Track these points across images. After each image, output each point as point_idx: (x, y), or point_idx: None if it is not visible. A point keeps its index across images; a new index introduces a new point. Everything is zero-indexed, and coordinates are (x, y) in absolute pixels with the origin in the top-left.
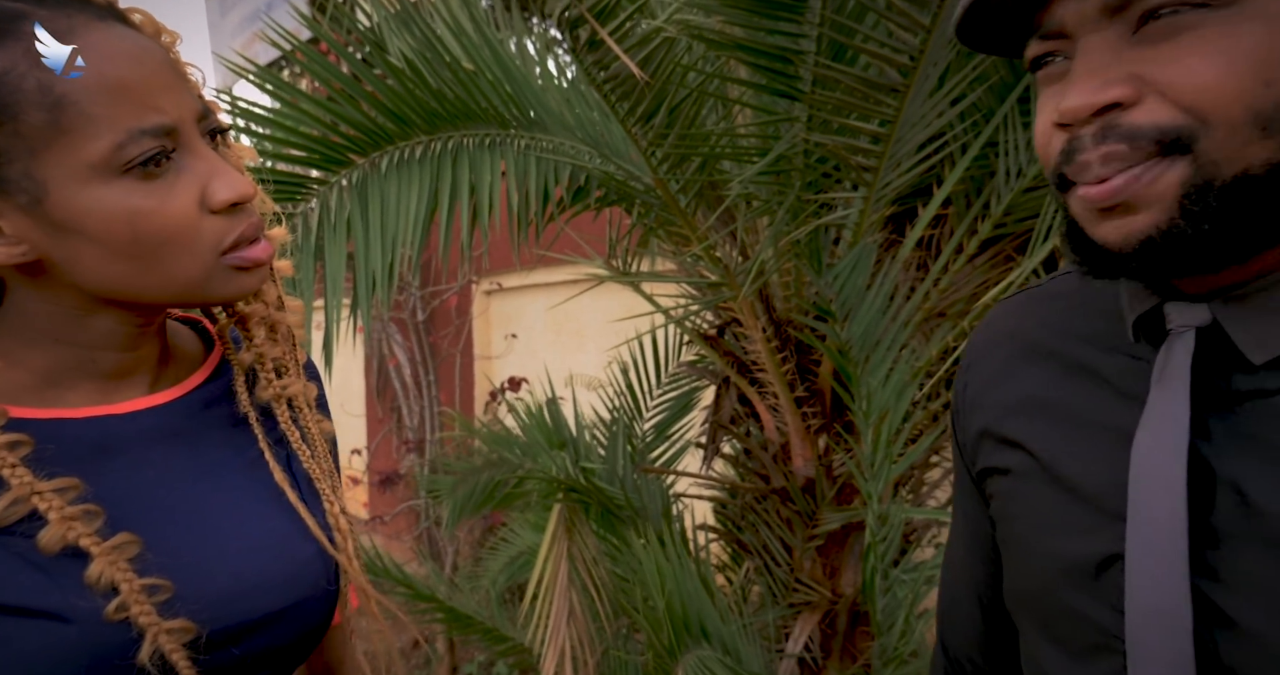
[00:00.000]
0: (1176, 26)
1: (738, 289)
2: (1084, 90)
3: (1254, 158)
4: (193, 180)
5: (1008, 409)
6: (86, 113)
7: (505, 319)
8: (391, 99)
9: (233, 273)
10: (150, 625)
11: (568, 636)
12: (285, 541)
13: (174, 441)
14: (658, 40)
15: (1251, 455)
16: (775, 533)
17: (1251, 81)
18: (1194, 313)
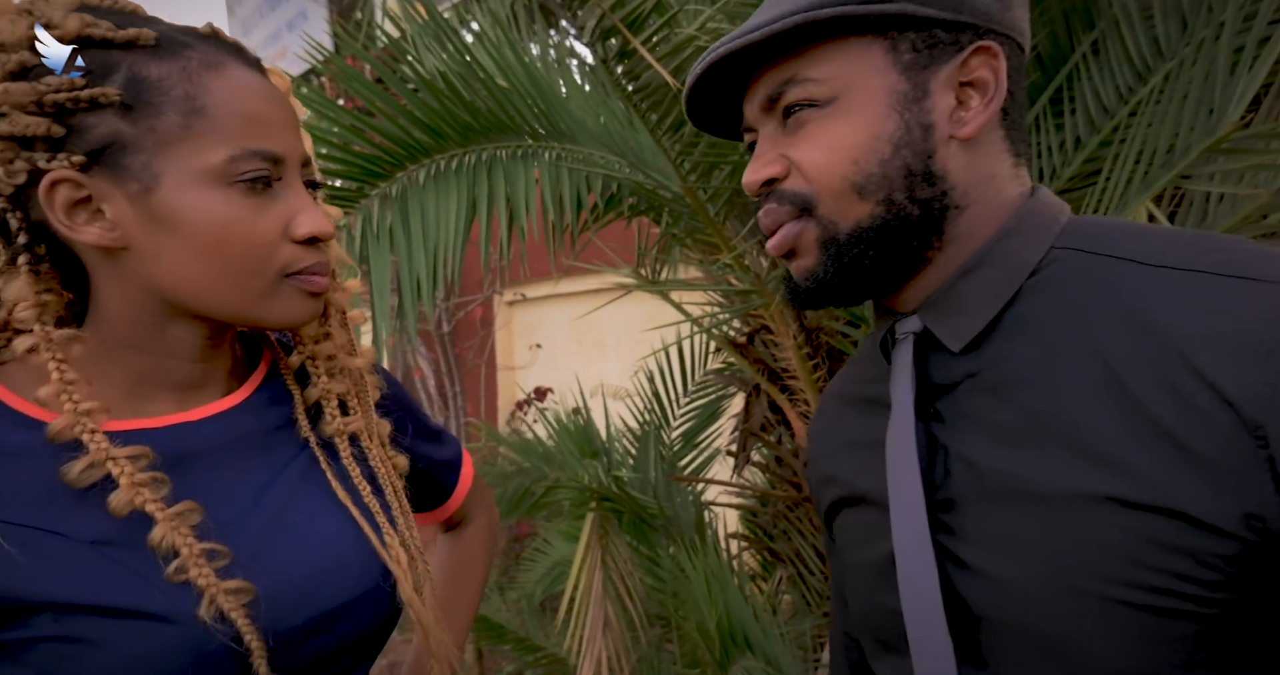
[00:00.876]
0: (802, 121)
1: (769, 296)
2: (751, 169)
3: (860, 215)
4: (284, 209)
5: (830, 454)
6: (216, 126)
7: (527, 329)
8: (426, 113)
9: (293, 294)
10: (208, 586)
11: (604, 646)
12: (347, 540)
13: (245, 443)
14: (690, 49)
15: (970, 427)
16: (808, 541)
17: (843, 160)
18: (909, 323)
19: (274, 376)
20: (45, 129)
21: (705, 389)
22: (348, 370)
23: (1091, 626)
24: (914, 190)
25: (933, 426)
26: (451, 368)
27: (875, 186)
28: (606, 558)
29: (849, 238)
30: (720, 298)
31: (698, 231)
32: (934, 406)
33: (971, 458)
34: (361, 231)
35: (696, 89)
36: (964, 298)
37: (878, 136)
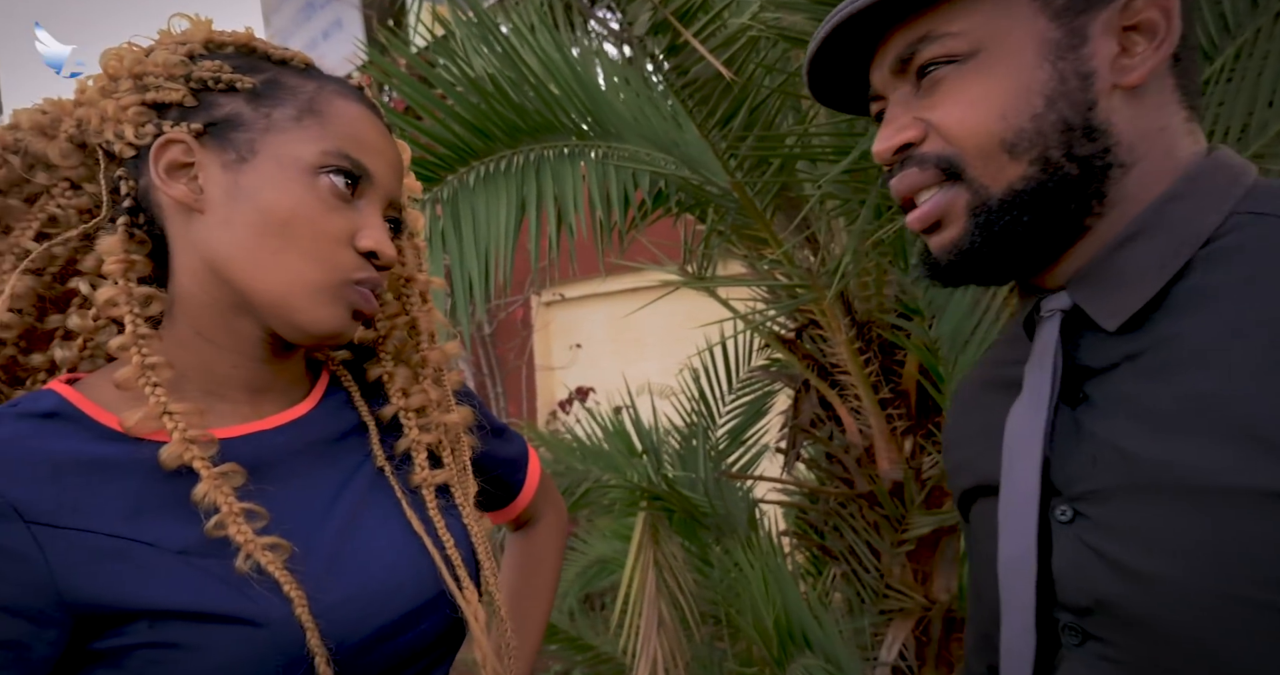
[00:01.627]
0: (938, 79)
1: (820, 290)
2: (882, 137)
3: (1012, 176)
4: (357, 219)
5: (964, 440)
6: (323, 126)
7: (565, 330)
8: (475, 115)
9: (337, 302)
10: (247, 542)
11: (658, 645)
12: (413, 551)
13: (315, 451)
14: (741, 40)
15: (1124, 412)
16: (861, 537)
17: (990, 117)
18: (1057, 299)
19: (336, 387)
20: (180, 97)
21: (750, 386)
22: (441, 425)
23: (1246, 635)
24: (1072, 146)
25: (1079, 411)
26: (493, 369)
27: (1028, 143)
28: (659, 557)
29: (1001, 202)
30: (766, 293)
31: (745, 227)
32: (1083, 390)
33: (1124, 445)
34: None
35: (818, 57)
36: (1123, 270)
37: (1028, 88)
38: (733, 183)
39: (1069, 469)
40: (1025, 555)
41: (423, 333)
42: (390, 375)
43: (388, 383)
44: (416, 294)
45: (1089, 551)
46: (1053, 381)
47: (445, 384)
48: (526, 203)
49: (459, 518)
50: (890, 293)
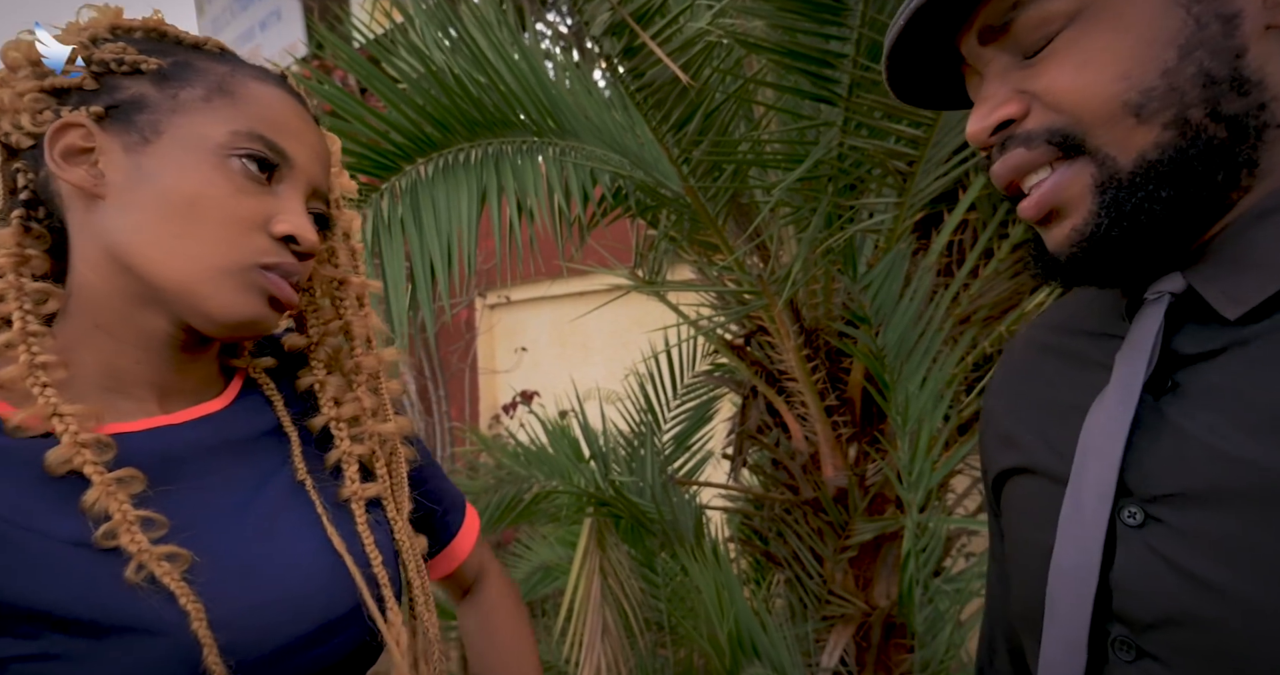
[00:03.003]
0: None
1: (770, 297)
2: (977, 116)
3: (1143, 143)
4: (273, 203)
5: (1016, 411)
6: (235, 106)
7: (509, 333)
8: (435, 107)
9: (247, 288)
10: (140, 552)
11: (603, 653)
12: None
13: (228, 450)
14: (700, 45)
15: (1222, 407)
16: (805, 544)
17: (1107, 77)
18: (1169, 281)
19: (253, 390)
20: (80, 81)
21: (695, 391)
22: (375, 435)
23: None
24: (1219, 103)
25: (1166, 402)
26: (436, 372)
27: (1159, 103)
28: (605, 564)
29: (1133, 176)
30: (714, 299)
31: (696, 232)
32: (1174, 378)
33: (1217, 444)
34: (373, 225)
35: (899, 44)
36: (1257, 249)
37: (1154, 40)
38: (686, 187)
39: (1146, 467)
40: (1087, 564)
41: (357, 338)
42: (322, 384)
43: (319, 391)
44: (351, 297)
45: (1160, 561)
46: (1146, 371)
47: (382, 392)
48: (488, 195)
49: (390, 534)
50: (838, 300)
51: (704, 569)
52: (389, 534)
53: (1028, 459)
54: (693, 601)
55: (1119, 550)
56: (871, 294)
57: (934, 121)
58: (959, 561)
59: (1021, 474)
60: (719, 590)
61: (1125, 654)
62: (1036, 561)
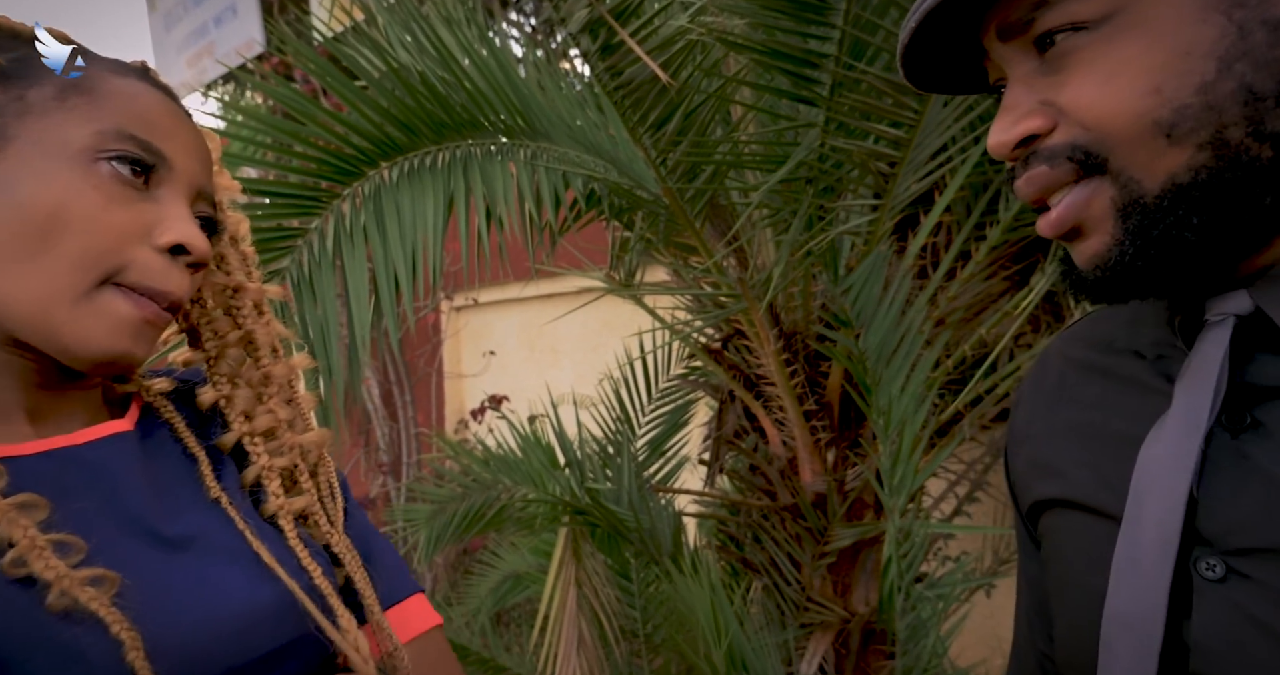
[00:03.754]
0: (1066, 50)
1: (750, 301)
2: (999, 128)
3: (1173, 166)
4: (154, 210)
5: (1055, 435)
6: (96, 105)
7: (476, 336)
8: (400, 108)
9: (108, 312)
10: (59, 577)
11: (578, 666)
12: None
13: (140, 471)
14: (680, 43)
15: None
16: (783, 550)
17: (1136, 92)
18: (1234, 301)
19: (151, 417)
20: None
21: (670, 395)
22: (296, 447)
23: None
24: (1263, 120)
25: (1246, 441)
26: (401, 376)
27: (1194, 123)
28: (580, 574)
29: (1159, 200)
30: (690, 302)
31: (673, 235)
32: (1252, 414)
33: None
34: (335, 233)
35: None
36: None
37: (1189, 52)
38: (664, 189)
39: (1226, 514)
40: (1150, 616)
41: (261, 347)
42: (228, 399)
43: (225, 407)
44: (249, 305)
45: (1248, 622)
46: (1214, 404)
47: (298, 402)
48: (455, 200)
49: (325, 547)
50: (817, 303)
51: (693, 581)
52: (325, 547)
53: (1072, 491)
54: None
55: (1196, 605)
56: (853, 297)
57: (916, 122)
58: (937, 566)
59: (1065, 507)
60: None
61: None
62: (1086, 605)
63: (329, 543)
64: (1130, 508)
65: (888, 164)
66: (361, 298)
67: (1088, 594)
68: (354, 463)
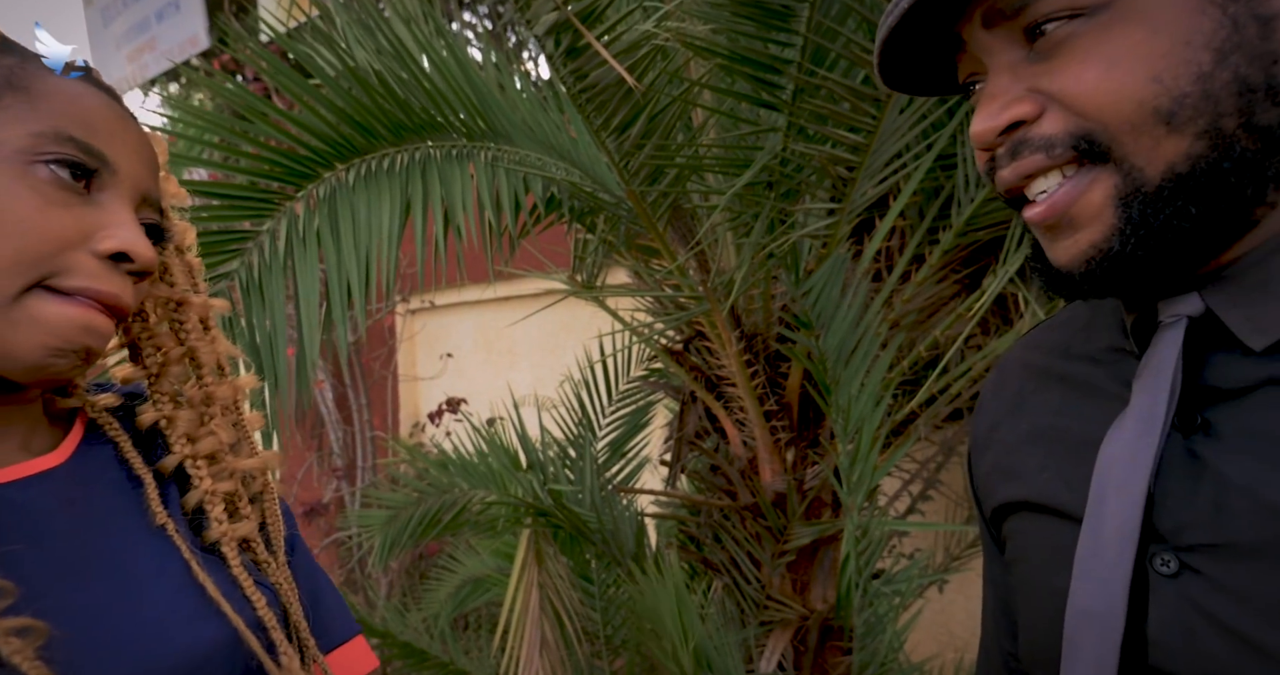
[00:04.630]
0: (1060, 38)
1: (712, 302)
2: (985, 115)
3: (1172, 154)
4: (96, 216)
5: (1017, 441)
6: (32, 106)
7: (432, 338)
8: (356, 108)
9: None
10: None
11: (540, 667)
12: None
13: (73, 509)
14: (645, 48)
15: (1264, 453)
16: (743, 548)
17: (1137, 80)
18: (1185, 303)
19: (96, 438)
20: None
21: (630, 397)
22: (238, 472)
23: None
24: (1253, 112)
25: (1198, 442)
26: (357, 379)
27: (1192, 111)
28: (542, 576)
29: (1160, 188)
30: (651, 304)
31: (636, 237)
32: (1204, 416)
33: (1266, 496)
34: (286, 236)
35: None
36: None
37: (1189, 41)
38: (628, 191)
39: (1180, 513)
40: (1111, 611)
41: (205, 365)
42: (170, 420)
43: (166, 428)
44: (194, 320)
45: (1199, 616)
46: (1169, 404)
47: (243, 424)
48: (412, 204)
49: (267, 575)
50: (777, 305)
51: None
52: (266, 577)
53: (1035, 494)
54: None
55: (1152, 600)
56: (812, 299)
57: (875, 127)
58: (893, 563)
59: (1028, 510)
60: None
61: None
62: (1050, 602)
63: (268, 573)
64: (1091, 506)
65: (846, 169)
66: (312, 302)
67: (1051, 592)
68: (307, 467)
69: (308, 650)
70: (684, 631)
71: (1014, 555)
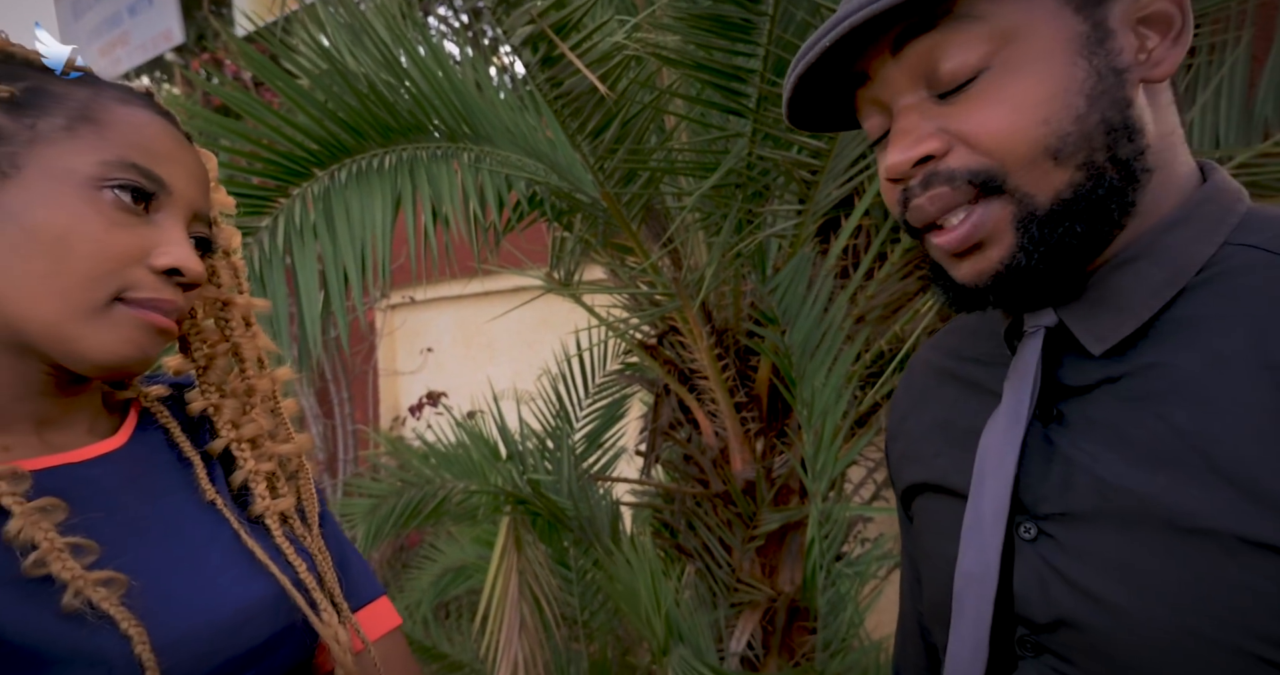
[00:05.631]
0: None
1: (685, 299)
2: (899, 149)
3: (1059, 183)
4: (152, 235)
5: (921, 432)
6: (101, 135)
7: (411, 333)
8: (348, 112)
9: (121, 325)
10: (74, 578)
11: (520, 648)
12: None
13: (136, 485)
14: (618, 57)
15: (1101, 439)
16: (715, 534)
17: (1031, 123)
18: (1043, 315)
19: (149, 424)
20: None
21: (606, 390)
22: (275, 456)
23: (1206, 673)
24: (1116, 148)
25: (1053, 430)
26: (338, 374)
27: (1073, 147)
28: (522, 561)
29: (1050, 211)
30: (626, 300)
31: (611, 236)
32: (1058, 408)
33: (1099, 472)
34: (284, 231)
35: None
36: (1116, 293)
37: (1068, 88)
38: (603, 192)
39: (1038, 488)
40: (987, 572)
41: (248, 360)
42: (216, 407)
43: (214, 415)
44: (237, 318)
45: (1051, 572)
46: (1031, 400)
47: (280, 413)
48: (402, 201)
49: (305, 544)
50: (746, 302)
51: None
52: (304, 545)
53: (933, 476)
54: (607, 596)
55: (1017, 561)
56: (779, 296)
57: (835, 134)
58: (856, 547)
59: (929, 490)
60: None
61: (1028, 650)
62: (943, 566)
63: (305, 543)
64: (973, 487)
65: (810, 172)
66: (312, 295)
67: (945, 558)
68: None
69: (341, 609)
70: (656, 600)
71: (919, 528)
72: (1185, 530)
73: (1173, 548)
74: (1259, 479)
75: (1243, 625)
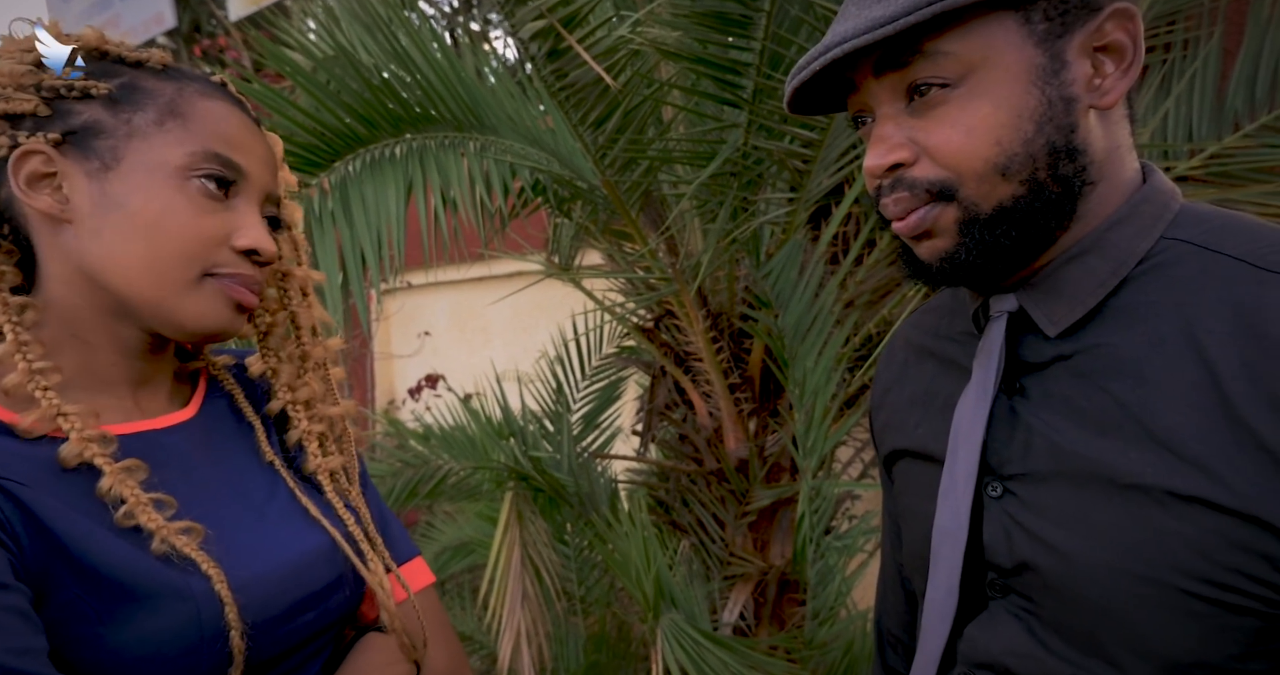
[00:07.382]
0: (933, 102)
1: (681, 283)
2: (875, 154)
3: (1003, 195)
4: (233, 218)
5: (902, 403)
6: (188, 128)
7: (407, 318)
8: (362, 104)
9: (213, 297)
10: (159, 528)
11: (522, 618)
12: (317, 533)
13: (207, 449)
14: (621, 51)
15: (1057, 409)
16: (709, 511)
17: (986, 143)
18: (1006, 301)
19: (216, 391)
20: (34, 107)
21: (603, 372)
22: (326, 418)
23: (1155, 612)
24: (1057, 167)
25: (1016, 401)
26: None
27: (1019, 166)
28: (524, 535)
29: (990, 218)
30: (623, 284)
31: (611, 222)
32: (1020, 382)
33: (1055, 438)
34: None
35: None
36: (1067, 284)
37: (1020, 114)
38: (603, 180)
39: (1003, 452)
40: (960, 526)
41: (303, 327)
42: (275, 371)
43: (273, 378)
44: (295, 288)
45: (1015, 524)
46: (996, 375)
47: (330, 379)
48: (414, 187)
49: (351, 501)
50: (741, 286)
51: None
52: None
53: (913, 443)
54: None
55: (985, 516)
56: (772, 280)
57: (827, 126)
58: (844, 522)
59: (909, 456)
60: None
61: (997, 592)
62: (922, 523)
63: (351, 499)
64: (949, 453)
65: (802, 161)
66: (333, 280)
67: (923, 516)
68: None
69: (386, 561)
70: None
71: (899, 490)
72: (1125, 486)
73: (1114, 501)
74: (1186, 442)
75: (1169, 564)
